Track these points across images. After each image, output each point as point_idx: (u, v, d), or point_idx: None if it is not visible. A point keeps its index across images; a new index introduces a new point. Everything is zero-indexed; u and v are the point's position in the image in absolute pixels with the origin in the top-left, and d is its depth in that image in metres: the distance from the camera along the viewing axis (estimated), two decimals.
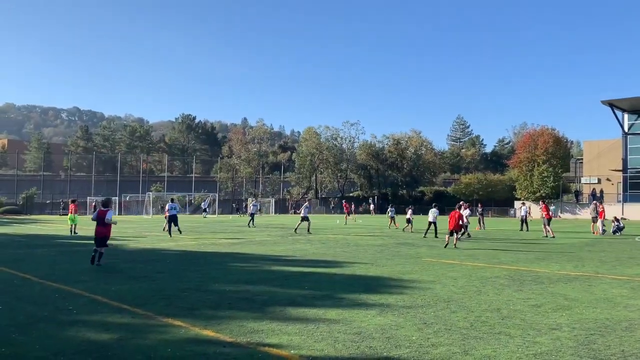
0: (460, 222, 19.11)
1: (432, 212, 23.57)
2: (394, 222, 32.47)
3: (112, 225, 12.62)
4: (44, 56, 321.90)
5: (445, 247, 17.84)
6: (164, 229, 25.48)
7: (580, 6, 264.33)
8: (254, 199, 49.77)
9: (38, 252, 16.35)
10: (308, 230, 26.37)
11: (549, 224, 24.41)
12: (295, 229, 26.59)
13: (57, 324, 6.75)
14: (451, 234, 18.18)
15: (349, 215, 43.19)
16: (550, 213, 25.97)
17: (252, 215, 34.08)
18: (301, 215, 26.91)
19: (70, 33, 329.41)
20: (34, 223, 38.88)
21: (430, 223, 23.38)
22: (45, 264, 13.11)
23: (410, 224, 28.20)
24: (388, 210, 35.07)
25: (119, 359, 5.26)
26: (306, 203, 28.42)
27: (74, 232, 24.55)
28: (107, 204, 12.85)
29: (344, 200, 56.63)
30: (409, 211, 29.12)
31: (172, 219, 23.53)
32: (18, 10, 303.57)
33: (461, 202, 21.74)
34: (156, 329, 6.52)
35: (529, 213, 31.78)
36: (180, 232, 24.16)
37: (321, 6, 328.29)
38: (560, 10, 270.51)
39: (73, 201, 26.01)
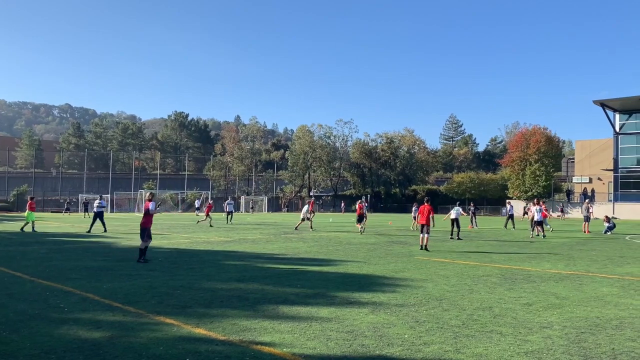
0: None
1: (455, 210, 22.97)
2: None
3: (149, 218, 13.59)
4: (36, 53, 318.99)
5: (421, 248, 16.52)
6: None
7: (574, 6, 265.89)
8: (229, 197, 50.65)
9: (29, 250, 16.23)
10: (296, 228, 26.50)
11: (539, 224, 24.52)
12: (296, 227, 26.94)
13: (48, 322, 6.71)
14: (422, 229, 16.89)
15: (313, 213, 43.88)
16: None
17: (229, 213, 34.68)
18: (302, 215, 27.70)
19: (63, 30, 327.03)
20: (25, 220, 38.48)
21: (453, 222, 22.40)
22: (37, 262, 13.03)
23: (415, 221, 27.75)
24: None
25: (110, 358, 5.24)
26: (306, 205, 28.33)
27: (23, 229, 24.40)
28: (150, 198, 14.32)
29: (312, 198, 57.14)
30: (413, 208, 28.30)
31: (99, 215, 24.74)
32: (10, 7, 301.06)
33: (427, 197, 20.45)
34: (148, 327, 6.49)
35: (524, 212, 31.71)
36: (105, 230, 24.30)
37: (316, 4, 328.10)
38: (553, 10, 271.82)
39: (32, 198, 25.83)
